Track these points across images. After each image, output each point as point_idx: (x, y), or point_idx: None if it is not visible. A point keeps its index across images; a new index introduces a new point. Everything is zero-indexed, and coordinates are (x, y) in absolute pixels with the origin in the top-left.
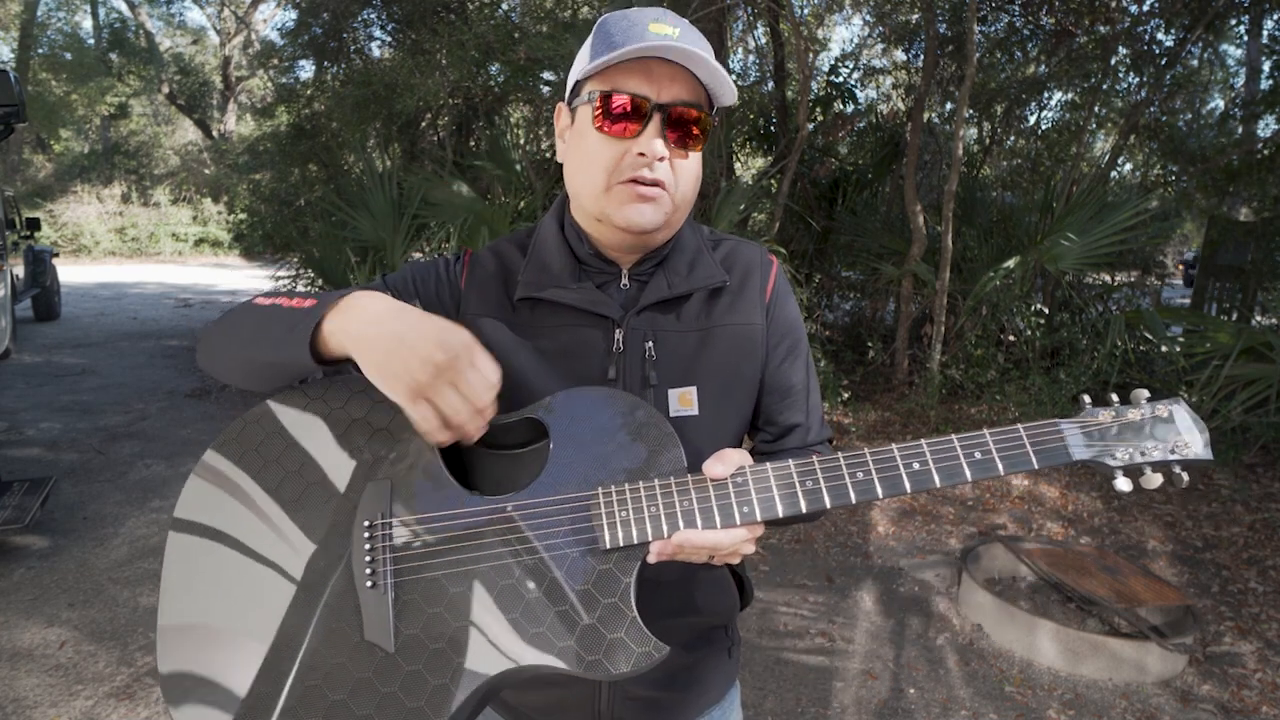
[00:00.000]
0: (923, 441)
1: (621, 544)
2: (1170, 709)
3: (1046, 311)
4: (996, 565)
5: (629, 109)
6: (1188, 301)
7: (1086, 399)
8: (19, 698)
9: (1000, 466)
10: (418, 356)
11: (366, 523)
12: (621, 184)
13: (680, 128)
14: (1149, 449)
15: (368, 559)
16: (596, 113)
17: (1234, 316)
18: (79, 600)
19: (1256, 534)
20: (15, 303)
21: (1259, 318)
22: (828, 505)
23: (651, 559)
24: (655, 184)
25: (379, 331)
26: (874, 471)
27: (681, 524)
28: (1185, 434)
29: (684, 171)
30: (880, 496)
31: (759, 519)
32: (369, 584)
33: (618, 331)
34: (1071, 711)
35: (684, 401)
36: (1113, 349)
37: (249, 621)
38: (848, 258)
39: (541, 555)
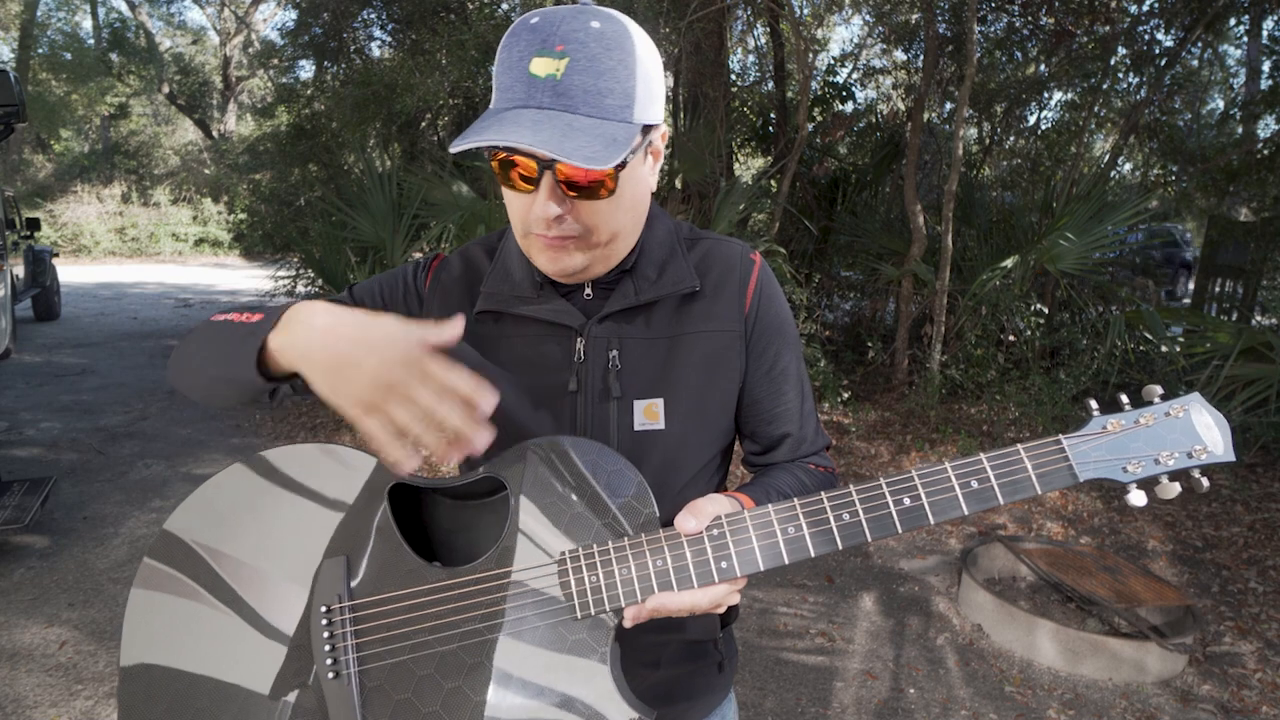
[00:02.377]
0: (913, 473)
1: (594, 612)
2: (1170, 709)
3: (1046, 311)
4: (996, 565)
5: (518, 168)
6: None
7: (1094, 404)
8: (19, 698)
9: (1000, 495)
10: (366, 375)
11: (324, 608)
12: (535, 234)
13: (577, 181)
14: (1164, 457)
15: (328, 648)
16: (493, 168)
17: (1234, 316)
18: (79, 600)
19: (1256, 534)
20: (15, 303)
21: (1259, 318)
22: (812, 554)
23: (627, 624)
24: (562, 238)
25: (324, 348)
26: (861, 512)
27: (656, 586)
28: (1204, 435)
29: (596, 214)
30: (869, 539)
31: (739, 574)
32: (331, 675)
33: (579, 341)
34: (1071, 711)
35: (650, 414)
36: (1112, 349)
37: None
38: (847, 258)
39: (511, 630)
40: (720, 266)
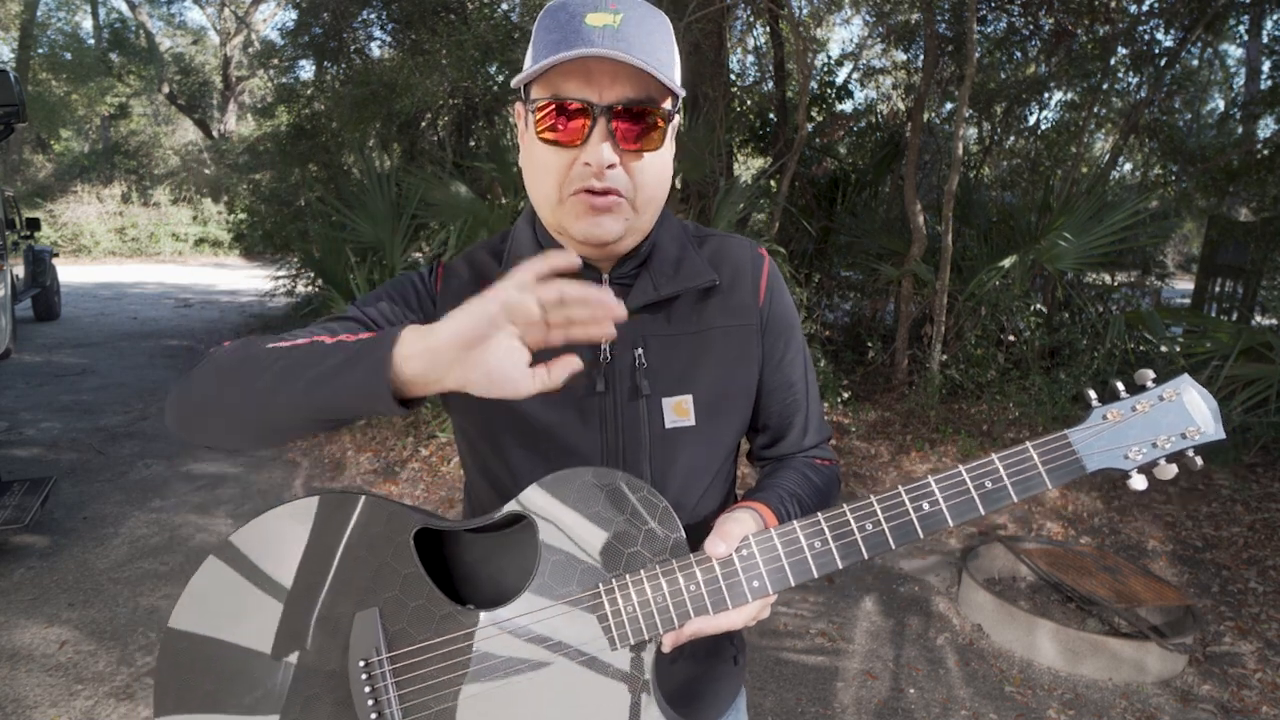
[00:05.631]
0: (930, 479)
1: (632, 641)
2: (1170, 709)
3: (1046, 311)
4: (996, 565)
5: (570, 115)
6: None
7: (1093, 395)
8: (19, 698)
9: (1013, 493)
10: (470, 320)
11: (362, 662)
12: (574, 195)
13: (631, 129)
14: (1161, 440)
15: (370, 702)
16: (538, 121)
17: (1234, 316)
18: (79, 600)
19: (1256, 534)
20: (15, 303)
21: (1259, 318)
22: (840, 565)
23: (665, 649)
24: (608, 192)
25: (450, 337)
26: (883, 521)
27: (691, 610)
28: (1196, 415)
29: (642, 173)
30: (894, 547)
31: (771, 592)
32: None
33: (603, 340)
34: (1071, 711)
35: (679, 411)
36: (1112, 349)
37: None
38: (847, 258)
39: (552, 666)
40: (732, 262)
